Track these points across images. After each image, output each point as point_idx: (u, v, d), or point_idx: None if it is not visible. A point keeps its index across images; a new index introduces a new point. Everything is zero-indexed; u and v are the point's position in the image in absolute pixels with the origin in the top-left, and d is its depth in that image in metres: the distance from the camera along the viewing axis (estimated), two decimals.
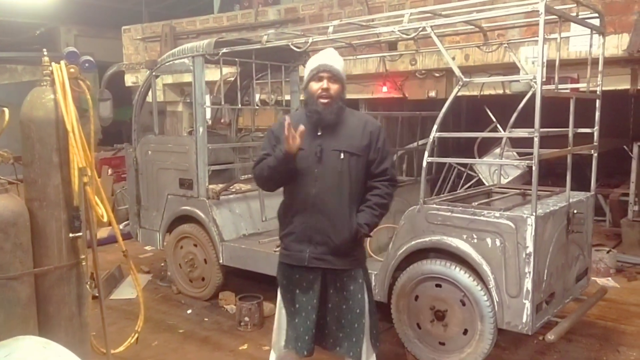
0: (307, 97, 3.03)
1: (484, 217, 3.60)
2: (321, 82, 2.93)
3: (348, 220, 2.99)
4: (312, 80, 2.97)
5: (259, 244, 5.01)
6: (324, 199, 2.96)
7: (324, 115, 2.95)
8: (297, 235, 3.02)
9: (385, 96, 8.13)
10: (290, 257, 3.06)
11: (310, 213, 2.97)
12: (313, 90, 2.96)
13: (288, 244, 3.07)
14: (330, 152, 2.95)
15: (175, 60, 5.26)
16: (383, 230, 4.59)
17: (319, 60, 2.98)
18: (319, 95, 2.94)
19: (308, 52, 5.95)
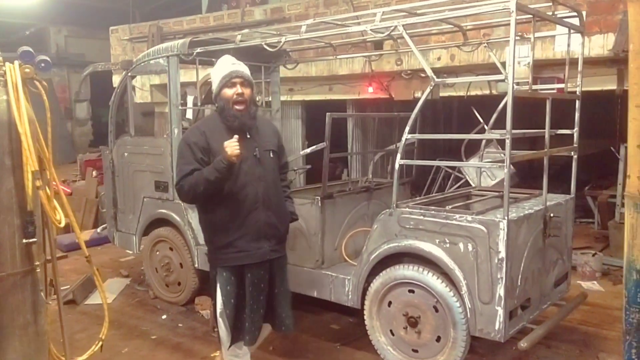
0: (221, 104, 3.15)
1: (455, 221, 3.50)
2: (235, 88, 3.11)
3: (285, 211, 3.44)
4: (225, 87, 3.12)
5: None
6: (269, 196, 3.23)
7: (245, 119, 3.15)
8: (252, 234, 3.18)
9: (371, 97, 8.04)
10: (249, 257, 3.20)
11: (260, 211, 3.19)
12: (228, 96, 3.11)
13: (243, 245, 3.18)
14: (263, 152, 3.24)
15: (150, 61, 5.16)
16: (359, 234, 4.50)
17: (227, 67, 3.14)
18: (235, 101, 3.11)
19: (288, 52, 5.88)
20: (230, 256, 3.19)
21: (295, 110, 9.38)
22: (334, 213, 4.34)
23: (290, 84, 8.86)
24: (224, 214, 3.16)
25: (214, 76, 3.21)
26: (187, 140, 3.17)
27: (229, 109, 3.12)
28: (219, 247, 3.22)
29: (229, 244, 3.17)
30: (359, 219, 4.60)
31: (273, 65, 5.99)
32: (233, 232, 3.16)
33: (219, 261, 3.25)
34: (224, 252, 3.21)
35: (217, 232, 3.20)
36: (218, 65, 3.25)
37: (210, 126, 3.20)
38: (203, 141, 3.12)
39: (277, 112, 6.07)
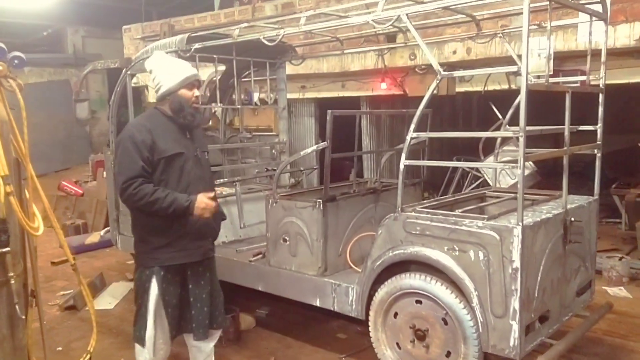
0: (178, 103, 3.17)
1: (465, 227, 3.21)
2: (193, 90, 3.21)
3: (219, 210, 3.42)
4: (185, 88, 3.18)
5: (236, 252, 4.69)
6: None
7: (197, 119, 3.27)
8: (194, 234, 3.22)
9: (385, 93, 7.74)
10: (190, 255, 3.25)
11: None
12: (187, 96, 3.19)
13: (185, 245, 3.21)
14: (201, 153, 3.31)
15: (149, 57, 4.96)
16: (366, 239, 4.23)
17: (190, 70, 3.24)
18: (193, 102, 3.22)
19: (293, 48, 5.64)
20: (170, 255, 3.19)
21: (308, 108, 9.13)
22: (337, 217, 4.08)
23: (302, 81, 8.63)
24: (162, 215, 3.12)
25: (166, 72, 3.19)
26: (133, 138, 3.08)
27: (187, 107, 3.18)
28: (157, 246, 3.18)
29: (168, 244, 3.18)
30: (366, 222, 4.34)
31: (279, 61, 5.75)
32: (174, 231, 3.17)
33: (156, 261, 3.19)
34: (163, 251, 3.18)
35: (156, 232, 3.17)
36: (167, 61, 3.28)
37: (154, 123, 3.18)
38: (149, 139, 3.09)
39: (283, 110, 5.85)
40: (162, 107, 3.26)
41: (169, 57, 3.37)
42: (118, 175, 3.12)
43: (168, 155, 3.11)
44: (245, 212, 5.13)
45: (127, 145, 3.09)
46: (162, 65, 3.24)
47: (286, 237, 4.14)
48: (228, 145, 6.07)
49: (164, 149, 3.11)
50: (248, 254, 4.59)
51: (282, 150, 5.80)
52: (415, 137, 3.45)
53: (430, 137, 3.64)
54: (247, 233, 5.12)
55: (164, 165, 3.12)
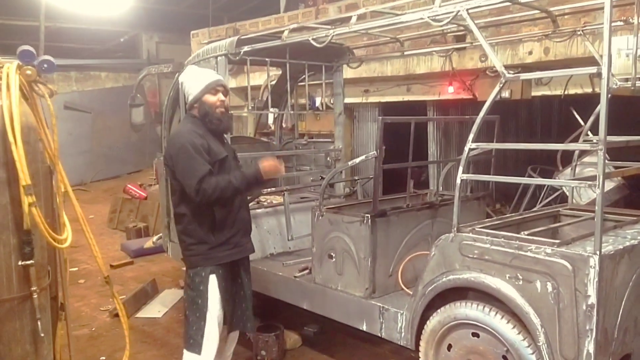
0: (203, 108, 3.26)
1: (531, 253, 2.77)
2: (217, 95, 3.28)
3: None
4: (208, 93, 3.26)
5: (282, 266, 4.44)
6: (245, 197, 3.47)
7: (227, 122, 3.39)
8: (242, 231, 3.36)
9: (453, 97, 7.26)
10: (242, 251, 3.36)
11: (243, 209, 3.39)
12: (211, 102, 3.27)
13: (238, 241, 3.32)
14: (235, 155, 3.49)
15: (200, 62, 4.82)
16: (420, 258, 3.85)
17: (212, 76, 3.36)
18: (218, 106, 3.28)
19: (351, 50, 5.34)
20: (227, 253, 3.26)
21: (371, 112, 8.79)
22: (388, 233, 3.72)
23: (366, 85, 8.30)
24: (223, 211, 3.22)
25: (192, 82, 3.31)
26: (192, 143, 3.13)
27: (213, 113, 3.26)
28: (216, 245, 3.22)
29: (226, 241, 3.25)
30: (421, 240, 3.95)
31: (335, 64, 5.46)
32: (229, 228, 3.26)
33: (213, 260, 3.23)
34: (221, 249, 3.24)
35: (214, 230, 3.22)
36: (194, 73, 3.38)
37: (202, 129, 3.26)
38: (205, 143, 3.17)
39: (340, 116, 5.55)
40: (196, 114, 3.32)
41: (198, 68, 3.50)
42: (188, 180, 3.08)
43: (221, 158, 3.22)
44: (296, 223, 4.87)
45: (189, 150, 3.12)
46: (190, 75, 3.37)
47: (332, 254, 3.84)
48: (278, 152, 5.83)
49: (217, 152, 3.22)
50: (294, 268, 4.32)
51: (337, 157, 5.50)
52: (474, 149, 3.05)
53: (493, 148, 3.21)
54: (297, 245, 4.86)
55: (218, 168, 3.19)
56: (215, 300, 3.21)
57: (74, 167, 13.86)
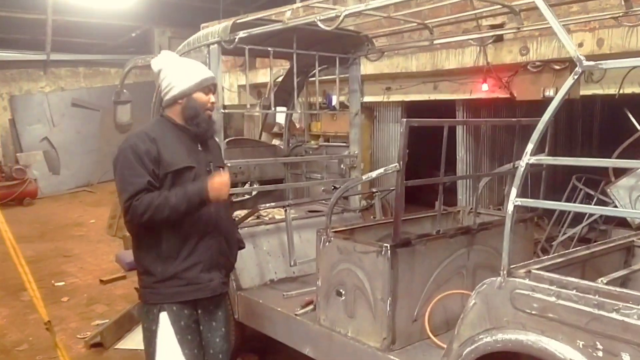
0: (192, 108, 2.69)
1: (617, 315, 1.95)
2: (209, 95, 2.77)
3: (235, 237, 3.02)
4: (200, 91, 2.72)
5: (283, 298, 3.67)
6: (221, 218, 2.80)
7: (212, 128, 2.82)
8: (205, 263, 2.72)
9: (487, 96, 6.41)
10: (199, 290, 2.72)
11: (212, 236, 2.75)
12: (202, 101, 2.73)
13: (196, 276, 2.69)
14: (216, 168, 2.82)
15: (190, 52, 4.09)
16: (454, 299, 3.05)
17: (206, 72, 2.81)
18: (208, 108, 2.76)
19: (370, 38, 4.55)
20: (176, 290, 2.66)
21: (393, 112, 7.98)
22: (412, 267, 2.92)
23: (388, 82, 7.49)
24: (172, 238, 2.64)
25: (179, 75, 2.69)
26: (135, 148, 2.58)
27: (200, 114, 2.71)
28: (161, 279, 2.65)
29: (175, 275, 2.65)
30: (454, 274, 3.14)
31: (352, 56, 4.66)
32: (182, 260, 2.66)
33: (161, 297, 2.67)
34: (168, 284, 2.65)
35: (160, 261, 2.65)
36: (181, 62, 2.82)
37: (159, 132, 2.68)
38: (154, 150, 2.60)
39: (356, 117, 4.75)
40: (169, 115, 2.75)
41: (181, 58, 2.90)
42: (120, 194, 2.58)
43: (175, 170, 2.62)
44: (302, 243, 4.09)
45: (128, 156, 2.59)
46: (175, 64, 2.77)
47: (341, 290, 3.06)
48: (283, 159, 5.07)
49: (170, 161, 2.63)
50: (297, 301, 3.56)
51: (352, 165, 4.70)
52: (532, 163, 2.23)
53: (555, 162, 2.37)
54: (303, 269, 4.07)
55: (172, 181, 2.62)
56: (167, 346, 2.65)
57: (81, 167, 13.33)
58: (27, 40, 12.36)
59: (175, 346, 2.65)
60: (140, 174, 2.55)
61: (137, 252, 2.73)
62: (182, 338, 2.66)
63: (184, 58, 2.92)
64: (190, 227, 2.65)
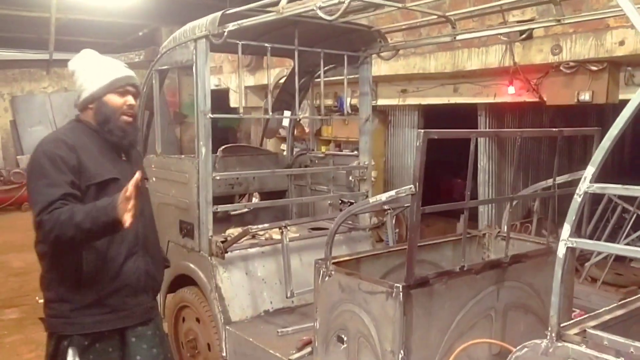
0: (102, 112, 2.45)
1: None
2: (126, 97, 2.49)
3: (162, 255, 2.81)
4: (113, 92, 2.45)
5: (277, 335, 3.15)
6: (147, 237, 2.57)
7: (130, 135, 2.53)
8: (131, 287, 2.47)
9: (513, 100, 5.83)
10: (128, 318, 2.46)
11: (139, 256, 2.49)
12: (116, 104, 2.46)
13: (122, 302, 2.44)
14: (142, 180, 2.43)
15: (175, 47, 3.60)
16: (481, 348, 2.50)
17: (121, 71, 2.50)
18: (124, 112, 2.48)
19: (382, 33, 4.02)
20: (97, 319, 2.39)
21: (410, 117, 7.42)
22: (430, 311, 2.38)
23: (404, 84, 6.94)
24: (92, 260, 2.34)
25: (93, 73, 2.45)
26: (50, 154, 2.30)
27: (114, 120, 2.45)
28: (80, 307, 2.36)
29: (97, 302, 2.38)
30: (480, 317, 2.59)
31: (362, 54, 4.13)
32: (104, 285, 2.39)
33: (75, 327, 2.37)
34: (88, 312, 2.37)
35: (77, 287, 2.35)
36: (97, 60, 2.50)
37: (77, 139, 2.40)
38: (73, 158, 2.32)
39: (366, 123, 4.22)
40: (85, 119, 2.50)
41: (100, 56, 2.55)
42: (32, 205, 2.27)
43: (100, 182, 2.36)
44: (303, 268, 3.56)
45: (41, 162, 2.30)
46: (88, 64, 2.50)
47: (343, 336, 2.52)
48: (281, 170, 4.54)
49: (94, 172, 2.37)
50: (293, 340, 3.03)
51: (361, 177, 4.17)
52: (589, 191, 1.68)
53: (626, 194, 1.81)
54: (303, 297, 3.54)
55: (94, 195, 2.33)
56: None
57: None
58: (30, 39, 11.99)
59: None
60: (55, 183, 2.25)
61: (49, 275, 2.41)
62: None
63: (102, 57, 2.56)
64: (115, 247, 2.39)
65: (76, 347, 2.37)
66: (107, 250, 2.38)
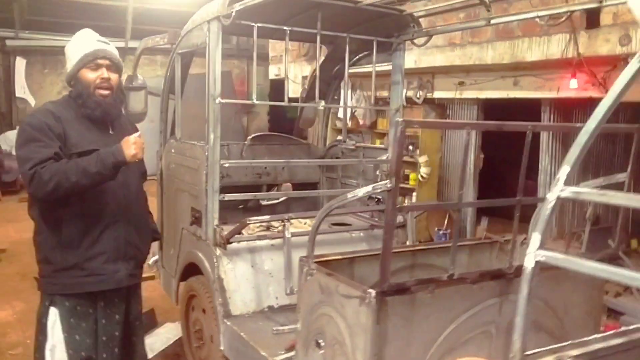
0: (77, 88, 2.59)
1: None
2: (100, 71, 2.58)
3: (148, 227, 2.95)
4: (86, 67, 2.56)
5: (272, 334, 2.99)
6: (130, 207, 2.72)
7: (108, 108, 2.63)
8: (109, 254, 2.62)
9: (577, 95, 5.30)
10: (102, 282, 2.62)
11: (121, 224, 2.66)
12: (89, 79, 2.57)
13: (98, 267, 2.60)
14: None
15: (193, 30, 3.52)
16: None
17: (91, 44, 2.59)
18: (98, 86, 2.58)
19: (414, 17, 3.73)
20: (77, 280, 2.58)
21: (469, 111, 6.98)
22: (410, 323, 2.12)
23: (461, 76, 6.54)
24: (74, 225, 2.54)
25: (71, 51, 2.61)
26: (37, 124, 2.49)
27: (90, 94, 2.57)
28: (60, 268, 2.57)
29: (75, 265, 2.57)
30: (477, 332, 2.30)
31: (395, 40, 3.86)
32: (84, 249, 2.58)
33: (57, 287, 2.59)
34: (67, 275, 2.57)
35: (60, 249, 2.56)
36: (77, 39, 2.64)
37: (63, 111, 2.58)
38: (59, 127, 2.51)
39: (396, 113, 3.94)
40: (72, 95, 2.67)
41: (83, 34, 2.67)
42: (24, 163, 2.43)
43: (81, 151, 2.50)
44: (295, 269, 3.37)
45: (30, 132, 2.48)
46: (69, 45, 2.64)
47: (320, 341, 2.32)
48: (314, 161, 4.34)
49: (76, 142, 2.53)
50: (287, 338, 2.86)
51: (389, 171, 3.91)
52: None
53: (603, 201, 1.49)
54: None
55: None
56: (55, 342, 2.58)
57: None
58: (109, 27, 12.50)
59: (61, 344, 2.58)
60: (47, 145, 2.44)
61: (37, 237, 2.63)
62: (70, 337, 2.58)
63: (82, 34, 2.67)
64: (95, 214, 2.55)
65: (58, 308, 2.57)
66: (87, 217, 2.55)
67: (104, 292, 2.65)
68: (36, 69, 12.47)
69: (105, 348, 2.67)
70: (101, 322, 2.67)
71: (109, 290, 2.66)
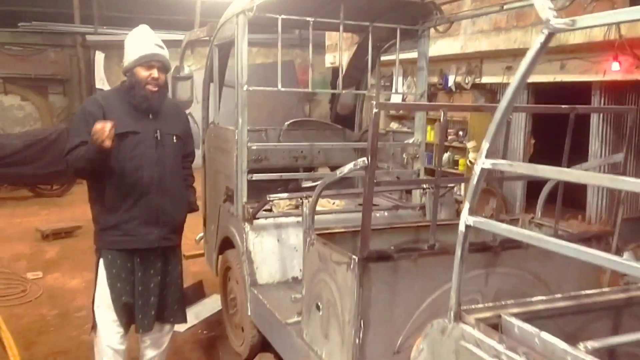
0: (131, 81, 3.06)
1: None
2: (151, 71, 3.03)
3: (183, 200, 3.32)
4: (141, 66, 3.03)
5: (290, 301, 3.27)
6: (165, 181, 3.11)
7: (153, 102, 3.07)
8: (142, 219, 3.08)
9: (624, 78, 5.19)
10: (135, 242, 3.09)
11: (154, 196, 3.08)
12: (142, 76, 3.03)
13: (132, 229, 3.07)
14: (166, 135, 3.14)
15: (225, 22, 3.83)
16: None
17: (149, 48, 3.03)
18: (148, 83, 3.03)
19: (438, 6, 3.86)
20: (115, 239, 3.08)
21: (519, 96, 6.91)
22: (394, 288, 2.33)
23: (508, 60, 6.50)
24: (113, 193, 3.05)
25: (130, 47, 3.08)
26: (84, 110, 3.06)
27: (141, 89, 3.03)
28: (104, 227, 3.10)
29: (114, 226, 3.07)
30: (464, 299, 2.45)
31: (420, 28, 3.99)
32: (121, 214, 3.06)
33: (102, 243, 3.13)
34: (108, 233, 3.09)
35: (104, 212, 3.09)
36: (136, 36, 3.11)
37: (110, 99, 3.12)
38: (100, 114, 2.98)
39: (421, 99, 4.08)
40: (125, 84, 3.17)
41: (142, 33, 3.13)
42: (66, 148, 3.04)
43: (117, 133, 2.87)
44: None
45: (78, 116, 3.11)
46: (129, 40, 3.12)
47: (319, 304, 2.57)
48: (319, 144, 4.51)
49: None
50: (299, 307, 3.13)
51: (415, 154, 4.07)
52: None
53: (512, 171, 1.63)
54: None
55: (117, 143, 2.91)
56: (102, 287, 3.10)
57: None
58: (179, 20, 13.21)
59: (106, 289, 3.07)
60: (79, 133, 2.96)
61: (90, 202, 3.15)
62: (112, 284, 3.06)
63: (143, 33, 3.12)
64: (131, 185, 3.02)
65: (103, 259, 3.09)
66: (124, 188, 3.03)
67: (140, 250, 3.09)
68: (113, 62, 13.38)
69: (142, 296, 3.12)
70: (137, 274, 3.12)
71: (144, 249, 3.10)
